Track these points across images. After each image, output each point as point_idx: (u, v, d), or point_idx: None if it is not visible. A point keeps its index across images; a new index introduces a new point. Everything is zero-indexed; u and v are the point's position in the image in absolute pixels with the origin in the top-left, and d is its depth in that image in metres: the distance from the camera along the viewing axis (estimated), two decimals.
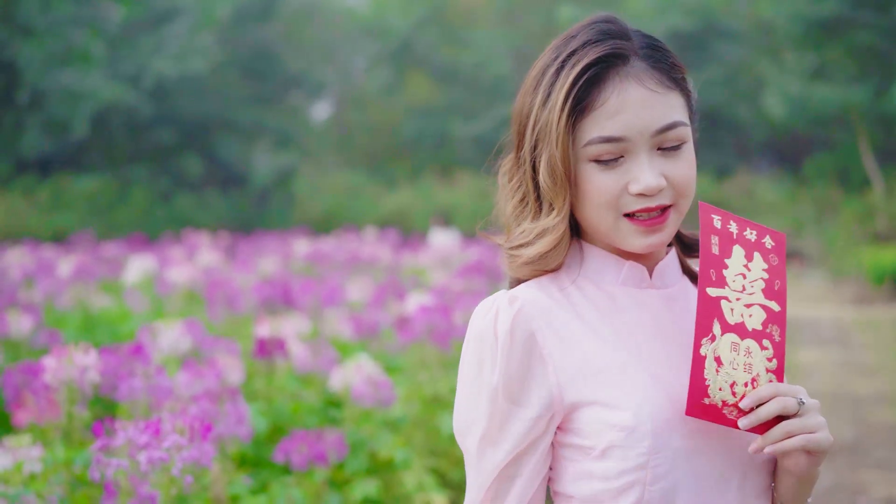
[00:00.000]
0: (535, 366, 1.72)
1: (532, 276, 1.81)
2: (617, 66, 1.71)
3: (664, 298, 1.82)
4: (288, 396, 4.85)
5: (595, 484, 1.72)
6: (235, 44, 34.88)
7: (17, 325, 6.17)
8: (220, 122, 33.48)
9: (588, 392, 1.71)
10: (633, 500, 1.70)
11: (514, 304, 1.73)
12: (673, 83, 1.74)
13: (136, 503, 2.61)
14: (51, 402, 3.46)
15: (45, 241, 21.69)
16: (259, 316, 6.24)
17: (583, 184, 1.73)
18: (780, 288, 1.75)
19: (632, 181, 1.71)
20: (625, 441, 1.68)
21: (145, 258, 9.71)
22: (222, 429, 3.35)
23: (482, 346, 1.75)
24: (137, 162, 32.23)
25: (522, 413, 1.72)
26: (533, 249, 1.77)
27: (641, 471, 1.69)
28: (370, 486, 4.22)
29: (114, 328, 7.19)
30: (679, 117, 1.73)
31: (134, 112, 31.08)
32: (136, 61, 31.12)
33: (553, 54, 1.75)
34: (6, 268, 11.16)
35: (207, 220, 27.94)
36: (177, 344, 4.87)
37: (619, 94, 1.70)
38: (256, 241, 17.55)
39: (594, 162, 1.72)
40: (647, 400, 1.70)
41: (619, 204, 1.72)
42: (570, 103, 1.70)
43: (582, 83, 1.70)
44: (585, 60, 1.70)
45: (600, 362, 1.73)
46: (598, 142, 1.70)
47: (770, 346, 1.71)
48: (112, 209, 28.54)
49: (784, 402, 1.65)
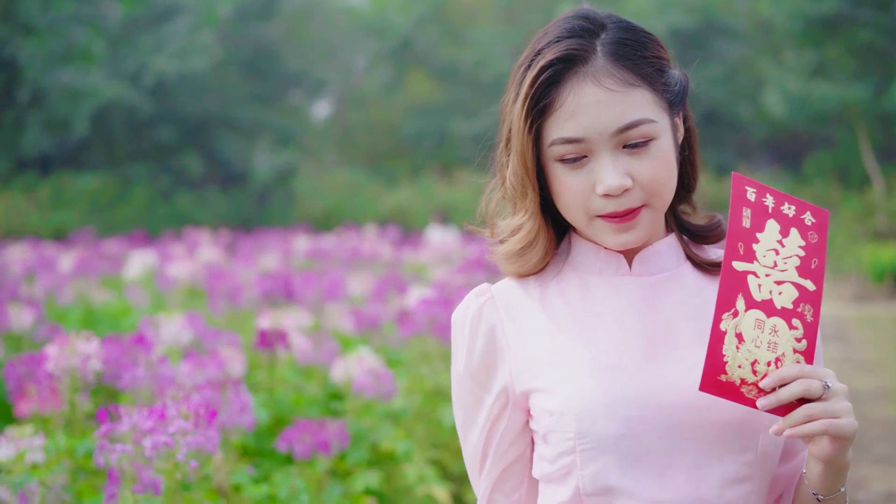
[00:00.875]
0: (496, 356, 1.81)
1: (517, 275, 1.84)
2: (576, 67, 1.69)
3: (644, 286, 1.80)
4: (289, 388, 4.87)
5: (546, 466, 1.79)
6: (236, 42, 34.89)
7: (19, 319, 6.18)
8: (220, 121, 33.48)
9: (533, 381, 1.77)
10: (573, 485, 1.72)
11: (481, 298, 1.82)
12: (639, 79, 1.70)
13: (140, 489, 2.62)
14: (53, 392, 3.47)
15: (45, 238, 21.71)
16: (260, 309, 6.25)
17: (554, 183, 1.74)
18: (818, 267, 1.68)
19: (597, 182, 1.69)
20: (555, 426, 1.73)
21: (146, 253, 9.73)
22: (225, 418, 3.36)
23: (455, 335, 1.87)
24: (138, 160, 32.24)
25: (486, 398, 1.82)
26: (506, 247, 1.82)
27: (571, 454, 1.71)
28: (372, 477, 4.23)
29: (115, 322, 7.21)
30: (643, 115, 1.69)
31: (134, 110, 31.09)
32: (136, 59, 31.13)
33: (528, 50, 1.75)
34: (7, 264, 11.18)
35: (208, 219, 27.95)
36: (178, 336, 4.89)
37: (576, 95, 1.68)
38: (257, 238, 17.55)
39: (560, 162, 1.71)
40: (578, 385, 1.71)
41: (588, 205, 1.72)
42: (529, 104, 1.70)
43: (539, 85, 1.69)
44: (543, 61, 1.69)
45: (547, 352, 1.77)
46: (559, 143, 1.69)
47: (800, 326, 1.65)
48: (112, 207, 28.55)
49: (808, 385, 1.59)
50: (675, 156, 1.76)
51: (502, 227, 1.84)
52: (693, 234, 1.89)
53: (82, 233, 17.93)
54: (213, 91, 33.56)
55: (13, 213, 26.34)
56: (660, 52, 1.75)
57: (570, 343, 1.76)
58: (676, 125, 1.78)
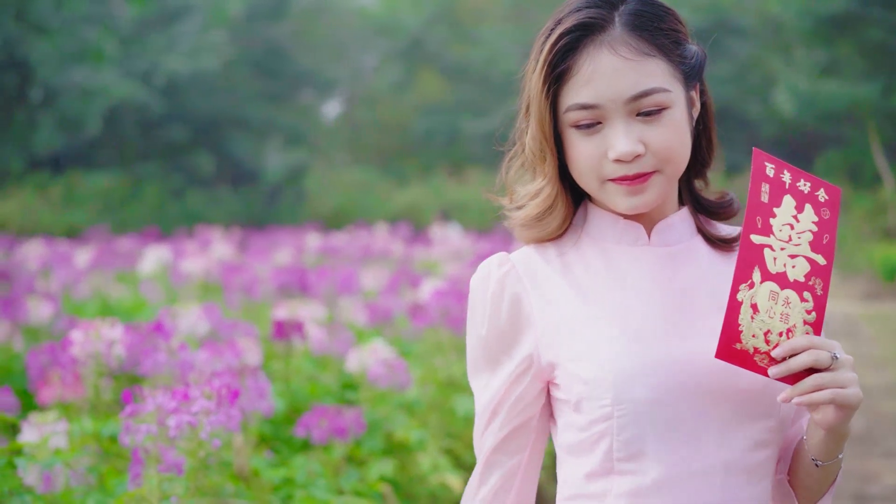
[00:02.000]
0: (520, 325, 1.83)
1: (535, 241, 1.87)
2: (593, 35, 1.74)
3: (662, 256, 1.84)
4: (305, 378, 4.93)
5: (575, 434, 1.81)
6: (247, 41, 34.99)
7: (37, 312, 6.27)
8: (231, 120, 33.59)
9: (562, 349, 1.79)
10: (605, 450, 1.76)
11: (503, 267, 1.84)
12: (655, 49, 1.75)
13: (164, 469, 2.69)
14: (76, 378, 3.54)
15: (58, 236, 21.81)
16: (276, 302, 6.31)
17: (569, 149, 1.78)
18: (829, 242, 1.73)
19: (609, 147, 1.74)
20: (590, 393, 1.75)
21: (160, 249, 9.81)
22: (244, 403, 3.43)
23: (474, 302, 1.87)
24: (149, 159, 32.37)
25: (507, 362, 1.84)
26: (524, 212, 1.85)
27: (607, 421, 1.75)
28: (386, 465, 4.28)
29: (130, 316, 7.28)
30: (657, 83, 1.73)
31: (146, 109, 31.21)
32: (148, 59, 31.24)
33: (550, 20, 1.80)
34: (23, 260, 11.28)
35: (219, 217, 28.01)
36: (195, 327, 4.97)
37: (592, 62, 1.72)
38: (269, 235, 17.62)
39: (575, 128, 1.76)
40: (611, 352, 1.75)
41: (600, 170, 1.76)
42: (547, 70, 1.74)
43: (558, 51, 1.74)
44: (562, 28, 1.74)
45: (575, 320, 1.79)
46: (574, 108, 1.74)
47: (811, 299, 1.70)
48: (124, 206, 28.66)
49: (817, 355, 1.65)
50: (689, 127, 1.80)
51: (522, 193, 1.87)
52: (706, 210, 1.94)
53: (96, 230, 18.02)
54: (224, 90, 33.67)
55: (26, 211, 26.46)
56: (677, 26, 1.79)
57: (598, 311, 1.79)
58: (692, 98, 1.83)
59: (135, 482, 2.75)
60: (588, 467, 1.79)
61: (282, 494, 3.43)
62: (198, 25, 32.33)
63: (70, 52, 28.10)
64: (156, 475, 2.70)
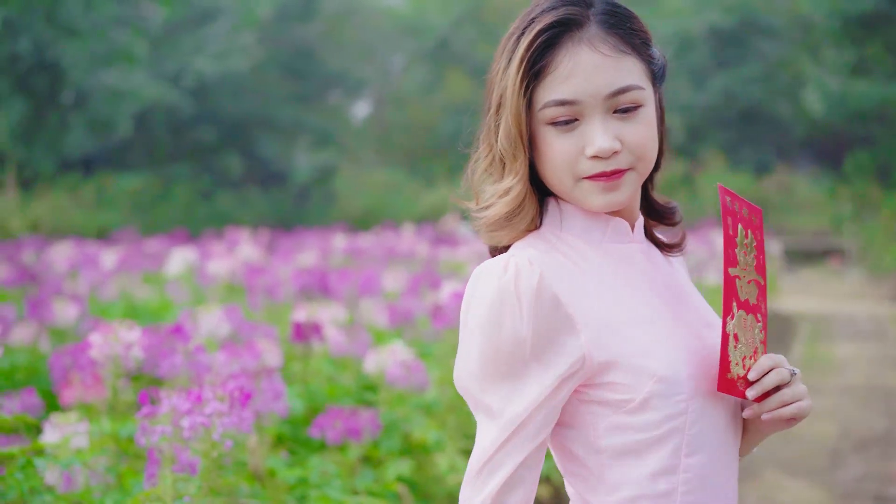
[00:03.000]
0: (561, 327, 1.73)
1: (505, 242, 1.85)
2: (571, 31, 1.75)
3: (644, 252, 1.88)
4: (324, 379, 4.99)
5: (632, 435, 1.76)
6: (276, 43, 35.16)
7: (63, 314, 6.36)
8: (260, 121, 33.77)
9: (618, 346, 1.74)
10: (674, 447, 1.76)
11: (535, 266, 1.74)
12: (630, 48, 1.77)
13: (178, 469, 2.76)
14: (96, 379, 3.61)
15: (89, 237, 21.99)
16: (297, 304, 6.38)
17: (543, 147, 1.78)
18: (763, 261, 1.83)
19: (587, 144, 1.74)
20: (666, 389, 1.73)
21: (187, 251, 9.90)
22: (260, 405, 3.49)
23: (502, 306, 1.73)
24: (179, 160, 32.59)
25: (544, 372, 1.73)
26: (493, 210, 1.82)
27: (682, 417, 1.75)
28: (404, 466, 4.33)
29: (156, 317, 7.37)
30: (634, 81, 1.76)
31: (175, 111, 31.44)
32: (177, 61, 31.49)
33: (518, 21, 1.81)
34: (52, 261, 11.41)
35: (248, 218, 28.17)
36: (216, 329, 5.04)
37: (572, 58, 1.74)
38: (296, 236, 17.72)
39: (551, 125, 1.76)
40: (677, 347, 1.76)
41: (576, 167, 1.76)
42: (525, 66, 1.74)
43: (536, 48, 1.74)
44: (540, 25, 1.75)
45: (620, 317, 1.76)
46: (552, 105, 1.74)
47: (761, 319, 1.81)
48: (154, 207, 28.87)
49: (781, 374, 1.76)
50: (657, 126, 1.83)
51: (490, 192, 1.84)
52: (655, 212, 1.97)
53: (125, 232, 18.18)
54: (253, 92, 33.85)
55: (58, 212, 26.69)
56: (644, 28, 1.83)
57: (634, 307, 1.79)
58: (659, 99, 1.86)
59: (150, 482, 2.82)
60: (653, 466, 1.77)
61: (297, 494, 3.49)
62: (227, 27, 32.53)
63: (100, 54, 28.32)
64: (170, 475, 2.77)
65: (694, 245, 13.46)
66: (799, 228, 26.81)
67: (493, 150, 1.84)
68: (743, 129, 31.36)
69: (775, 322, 15.18)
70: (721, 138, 30.87)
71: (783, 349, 12.82)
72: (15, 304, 7.65)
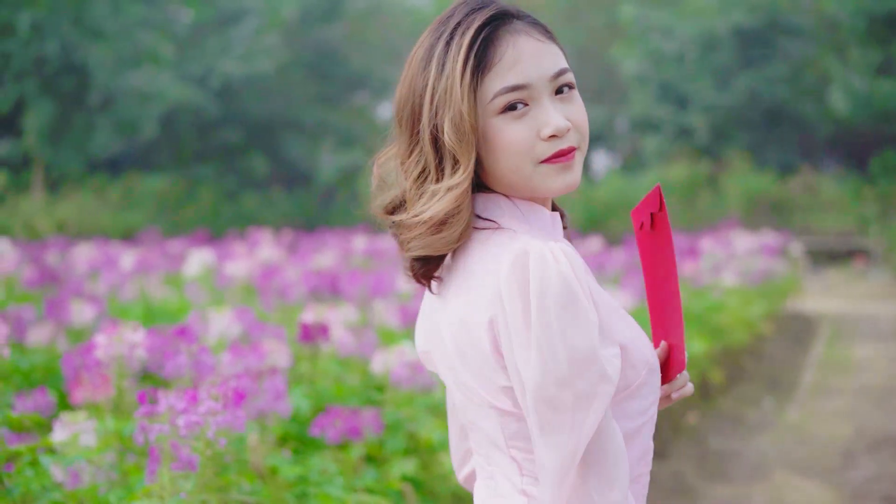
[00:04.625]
0: None
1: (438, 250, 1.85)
2: (505, 25, 1.84)
3: None
4: (331, 379, 5.07)
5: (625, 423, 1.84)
6: (301, 44, 35.33)
7: (80, 314, 6.47)
8: (285, 122, 33.94)
9: (622, 332, 1.82)
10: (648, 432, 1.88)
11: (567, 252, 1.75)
12: (549, 37, 1.88)
13: (179, 467, 2.85)
14: (104, 379, 3.71)
15: (115, 238, 22.19)
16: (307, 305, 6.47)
17: (495, 139, 1.82)
18: None
19: (542, 126, 1.81)
20: (648, 378, 1.85)
21: (204, 252, 10.01)
22: (262, 404, 3.58)
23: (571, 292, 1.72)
24: (205, 161, 32.82)
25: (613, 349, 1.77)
26: (433, 210, 1.81)
27: (655, 404, 1.89)
28: (408, 465, 4.40)
29: (173, 318, 7.47)
30: (565, 64, 1.86)
31: (201, 112, 31.66)
32: (203, 62, 31.70)
33: (435, 35, 1.88)
34: (75, 262, 11.56)
35: (273, 218, 28.34)
36: (227, 330, 5.13)
37: (514, 47, 1.82)
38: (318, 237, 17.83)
39: (504, 113, 1.81)
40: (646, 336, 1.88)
41: (533, 152, 1.82)
42: (472, 62, 1.80)
43: (480, 42, 1.81)
44: (477, 24, 1.82)
45: (614, 302, 1.86)
46: (504, 92, 1.80)
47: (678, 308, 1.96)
48: (180, 207, 29.09)
49: None
50: None
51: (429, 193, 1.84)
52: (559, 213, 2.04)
53: (148, 232, 18.35)
54: (279, 93, 34.03)
55: (84, 213, 26.93)
56: None
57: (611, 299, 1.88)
58: None
59: (150, 478, 2.92)
60: (640, 449, 1.87)
61: (297, 492, 3.57)
62: (252, 29, 32.72)
63: (127, 56, 28.56)
64: (168, 472, 2.86)
65: (712, 246, 13.48)
66: (824, 229, 26.70)
67: (422, 160, 1.86)
68: (767, 129, 31.24)
69: (796, 322, 15.18)
70: (745, 138, 30.76)
71: (802, 350, 12.83)
72: (35, 304, 7.78)
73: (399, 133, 1.93)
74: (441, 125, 1.81)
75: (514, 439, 1.84)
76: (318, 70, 35.48)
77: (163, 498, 2.85)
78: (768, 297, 13.49)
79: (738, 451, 7.89)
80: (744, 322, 11.13)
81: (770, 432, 8.50)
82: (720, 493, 6.84)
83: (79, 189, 28.78)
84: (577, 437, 1.71)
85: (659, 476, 7.11)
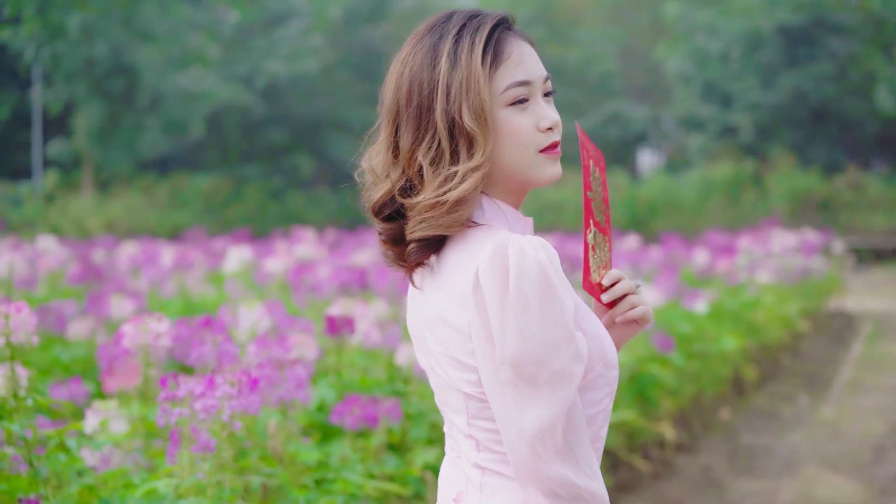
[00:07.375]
0: None
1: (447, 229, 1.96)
2: (507, 29, 2.02)
3: None
4: (357, 371, 5.19)
5: None
6: (346, 44, 35.59)
7: (120, 309, 6.67)
8: (330, 122, 34.22)
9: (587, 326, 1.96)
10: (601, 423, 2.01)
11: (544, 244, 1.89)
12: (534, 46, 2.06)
13: (198, 449, 3.00)
14: (133, 368, 3.87)
15: (162, 237, 22.51)
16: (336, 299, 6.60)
17: (503, 128, 1.98)
18: (607, 196, 2.15)
19: (541, 119, 1.99)
20: (603, 371, 1.98)
21: (243, 249, 10.21)
22: (283, 393, 3.72)
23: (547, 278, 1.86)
24: (251, 161, 33.16)
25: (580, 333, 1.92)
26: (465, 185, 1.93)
27: (611, 396, 2.02)
28: (430, 454, 4.52)
29: (210, 313, 7.65)
30: None
31: (248, 112, 32.01)
32: (249, 63, 32.04)
33: (433, 38, 2.02)
34: (119, 260, 11.81)
35: (318, 217, 28.58)
36: (258, 323, 5.28)
37: (518, 48, 2.01)
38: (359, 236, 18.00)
39: (512, 106, 1.98)
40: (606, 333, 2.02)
41: (535, 141, 1.99)
42: (490, 56, 1.98)
43: (495, 39, 1.99)
44: (490, 24, 2.00)
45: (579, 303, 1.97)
46: (514, 86, 1.98)
47: (608, 241, 2.13)
48: (226, 207, 29.43)
49: (629, 283, 2.10)
50: None
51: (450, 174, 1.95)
52: None
53: (193, 231, 18.62)
54: (324, 93, 34.31)
55: (133, 212, 27.36)
56: None
57: None
58: None
59: (171, 460, 3.07)
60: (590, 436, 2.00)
61: (316, 476, 3.70)
62: (298, 29, 33.01)
63: (175, 57, 28.96)
64: (188, 454, 3.01)
65: (749, 244, 13.49)
66: (870, 227, 26.53)
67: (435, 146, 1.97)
68: (813, 127, 31.05)
69: (837, 320, 15.14)
70: (791, 137, 30.60)
71: (842, 347, 12.81)
72: (78, 300, 7.99)
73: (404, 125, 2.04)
74: (458, 112, 1.95)
75: (476, 419, 1.98)
76: (363, 70, 35.72)
77: (182, 478, 3.00)
78: (807, 295, 13.47)
79: (770, 446, 7.95)
80: (780, 319, 11.15)
81: (803, 428, 8.54)
82: (748, 487, 6.91)
83: (127, 189, 29.20)
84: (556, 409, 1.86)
85: (688, 469, 7.20)
